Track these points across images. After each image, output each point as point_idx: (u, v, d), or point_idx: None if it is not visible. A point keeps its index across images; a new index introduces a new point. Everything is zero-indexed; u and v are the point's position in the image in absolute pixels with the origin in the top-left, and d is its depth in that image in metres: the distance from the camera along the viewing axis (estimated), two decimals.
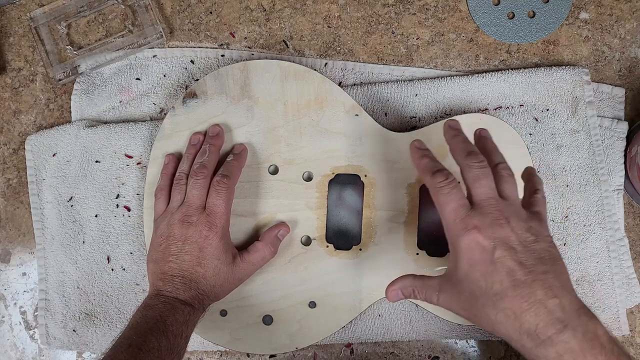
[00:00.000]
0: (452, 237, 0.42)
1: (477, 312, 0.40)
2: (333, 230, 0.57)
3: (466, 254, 0.40)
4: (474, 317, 0.41)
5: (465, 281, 0.41)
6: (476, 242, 0.40)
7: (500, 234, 0.40)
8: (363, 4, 0.60)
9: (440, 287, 0.43)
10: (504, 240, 0.39)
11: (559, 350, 0.37)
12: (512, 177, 0.44)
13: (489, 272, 0.39)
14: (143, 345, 0.45)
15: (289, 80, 0.56)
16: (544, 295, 0.38)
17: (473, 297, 0.40)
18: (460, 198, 0.42)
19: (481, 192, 0.42)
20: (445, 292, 0.43)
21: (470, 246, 0.40)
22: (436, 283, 0.44)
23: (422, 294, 0.45)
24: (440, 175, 0.43)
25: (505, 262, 0.39)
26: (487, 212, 0.41)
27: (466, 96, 0.59)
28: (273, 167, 0.57)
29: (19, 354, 0.63)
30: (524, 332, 0.38)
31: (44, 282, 0.61)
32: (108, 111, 0.61)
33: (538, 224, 0.42)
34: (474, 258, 0.40)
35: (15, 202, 0.63)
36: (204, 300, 0.51)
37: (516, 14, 0.60)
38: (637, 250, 0.60)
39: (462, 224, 0.41)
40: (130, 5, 0.61)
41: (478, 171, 0.42)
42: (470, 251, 0.40)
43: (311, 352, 0.61)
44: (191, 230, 0.51)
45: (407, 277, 0.46)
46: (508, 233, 0.40)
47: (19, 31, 0.62)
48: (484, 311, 0.40)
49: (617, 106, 0.59)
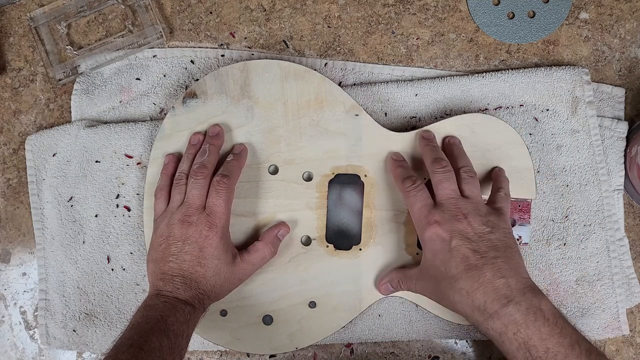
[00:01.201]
0: (419, 232, 0.49)
1: (440, 294, 0.47)
2: (333, 230, 0.57)
3: (429, 244, 0.47)
4: (439, 300, 0.48)
5: (430, 268, 0.48)
6: (437, 234, 0.46)
7: (457, 227, 0.46)
8: (363, 4, 0.60)
9: (417, 276, 0.51)
10: (461, 232, 0.46)
11: (504, 322, 0.43)
12: (473, 178, 0.50)
13: (447, 258, 0.45)
14: (144, 345, 0.45)
15: (289, 80, 0.56)
16: (492, 276, 0.44)
17: (437, 282, 0.47)
18: (425, 199, 0.49)
19: (443, 194, 0.48)
20: (420, 280, 0.50)
21: (432, 238, 0.47)
22: (414, 273, 0.51)
23: (404, 284, 0.52)
24: (409, 180, 0.50)
25: (461, 250, 0.45)
26: (447, 209, 0.47)
27: (466, 96, 0.59)
28: (273, 167, 0.57)
29: (19, 354, 0.63)
30: (475, 308, 0.44)
31: (44, 282, 0.61)
32: (108, 111, 0.61)
33: (496, 218, 0.48)
34: (435, 248, 0.47)
35: (15, 202, 0.63)
36: (204, 300, 0.51)
37: (516, 14, 0.60)
38: (637, 250, 0.60)
39: (425, 220, 0.48)
40: (130, 5, 0.61)
41: (441, 175, 0.49)
42: (432, 242, 0.47)
43: (311, 352, 0.61)
44: (191, 230, 0.51)
45: (393, 271, 0.54)
46: (465, 226, 0.46)
47: (19, 31, 0.62)
48: (445, 293, 0.46)
49: (617, 106, 0.59)
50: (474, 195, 0.49)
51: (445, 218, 0.47)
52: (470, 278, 0.44)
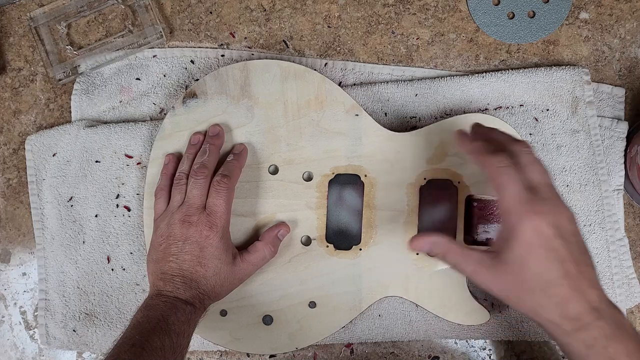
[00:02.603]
0: (513, 218, 0.41)
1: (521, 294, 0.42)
2: (333, 230, 0.57)
3: (527, 236, 0.41)
4: (514, 298, 0.43)
5: (516, 263, 0.41)
6: (540, 228, 0.41)
7: (560, 222, 0.41)
8: (363, 4, 0.60)
9: (481, 261, 0.43)
10: (561, 229, 0.41)
11: (595, 335, 0.40)
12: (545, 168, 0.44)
13: (547, 259, 0.41)
14: (146, 345, 0.45)
15: (289, 80, 0.56)
16: (586, 286, 0.41)
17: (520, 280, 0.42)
18: (521, 180, 0.42)
19: (537, 177, 0.42)
20: (486, 268, 0.43)
21: (534, 230, 0.41)
22: (477, 256, 0.44)
23: (454, 259, 0.45)
24: (503, 155, 0.43)
25: (560, 252, 0.41)
26: (546, 198, 0.41)
27: (466, 96, 0.59)
28: (273, 167, 0.57)
29: (19, 354, 0.63)
30: (566, 317, 0.41)
31: (44, 282, 0.61)
32: (108, 111, 0.61)
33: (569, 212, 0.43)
34: (534, 242, 0.41)
35: (15, 202, 0.63)
36: (205, 299, 0.51)
37: (516, 14, 0.60)
38: (637, 250, 0.60)
39: (528, 206, 0.41)
40: (130, 5, 0.61)
41: (529, 156, 0.43)
42: (532, 236, 0.41)
43: (311, 352, 0.61)
44: (191, 230, 0.51)
45: (444, 237, 0.45)
46: (563, 220, 0.41)
47: (19, 31, 0.62)
48: (531, 295, 0.41)
49: (617, 106, 0.59)
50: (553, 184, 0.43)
51: (548, 208, 0.41)
52: (566, 286, 0.41)
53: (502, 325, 0.59)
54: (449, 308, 0.56)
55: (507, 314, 0.58)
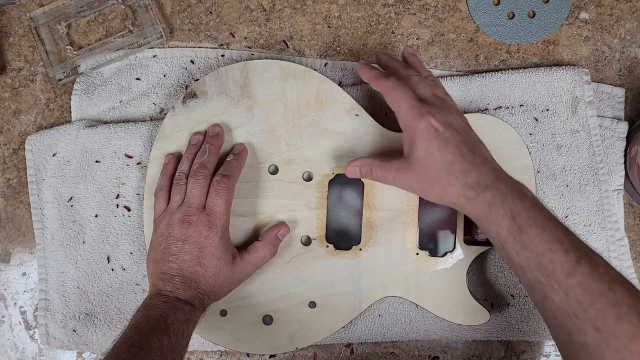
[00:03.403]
0: (410, 123, 0.49)
1: (431, 180, 0.48)
2: (333, 230, 0.57)
3: (424, 134, 0.48)
4: (427, 187, 0.49)
5: (422, 157, 0.48)
6: (431, 124, 0.48)
7: (448, 119, 0.48)
8: (363, 4, 0.60)
9: (398, 167, 0.51)
10: (451, 124, 0.48)
11: (493, 193, 0.46)
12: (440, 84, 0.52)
13: (443, 146, 0.47)
14: (145, 345, 0.45)
15: (289, 80, 0.56)
16: (482, 162, 0.47)
17: (428, 168, 0.48)
18: (412, 93, 0.49)
19: (425, 92, 0.50)
20: (401, 171, 0.50)
21: (428, 128, 0.48)
22: (394, 164, 0.51)
23: (377, 173, 0.52)
24: (392, 77, 0.50)
25: (454, 139, 0.47)
26: (434, 104, 0.49)
27: (466, 96, 0.59)
28: (273, 167, 0.57)
29: (19, 354, 0.63)
30: (467, 186, 0.46)
31: (44, 282, 0.61)
32: (108, 111, 0.61)
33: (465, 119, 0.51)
34: (431, 136, 0.48)
35: (15, 202, 0.63)
36: (204, 300, 0.51)
37: (516, 14, 0.60)
38: (637, 250, 0.60)
39: (418, 112, 0.48)
40: (130, 5, 0.61)
41: (417, 77, 0.51)
42: (427, 132, 0.48)
43: (311, 352, 0.61)
44: (191, 230, 0.51)
45: (368, 157, 0.53)
46: (452, 119, 0.48)
47: (19, 31, 0.62)
48: (438, 178, 0.48)
49: (617, 106, 0.59)
50: (445, 97, 0.51)
51: (436, 111, 0.48)
52: (465, 161, 0.47)
53: (502, 325, 0.59)
54: (449, 308, 0.56)
55: (507, 314, 0.58)
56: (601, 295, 0.41)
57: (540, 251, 0.43)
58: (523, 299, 0.58)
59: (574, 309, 0.42)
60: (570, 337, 0.43)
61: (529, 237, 0.44)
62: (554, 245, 0.43)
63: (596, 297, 0.41)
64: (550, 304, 0.43)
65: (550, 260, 0.43)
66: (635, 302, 0.41)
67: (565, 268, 0.42)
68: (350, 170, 0.53)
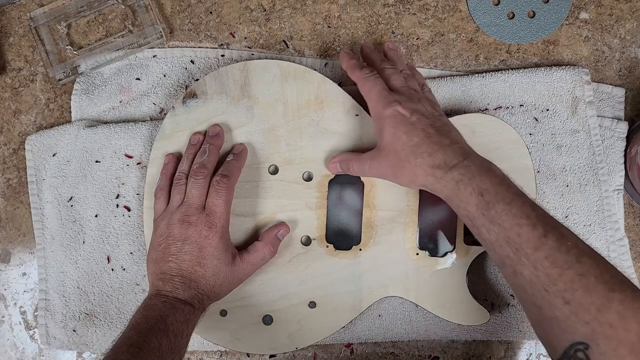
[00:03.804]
0: (379, 111, 0.51)
1: (401, 163, 0.49)
2: (333, 230, 0.57)
3: (390, 120, 0.50)
4: (399, 171, 0.50)
5: (390, 142, 0.50)
6: (397, 111, 0.49)
7: (415, 106, 0.50)
8: (363, 4, 0.60)
9: (372, 156, 0.52)
10: (419, 110, 0.50)
11: (461, 171, 0.46)
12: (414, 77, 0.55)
13: (409, 130, 0.49)
14: (144, 345, 0.45)
15: (289, 80, 0.56)
16: (449, 143, 0.48)
17: (396, 153, 0.49)
18: (383, 84, 0.52)
19: (396, 83, 0.52)
20: (375, 160, 0.52)
21: (394, 114, 0.49)
22: (368, 155, 0.53)
23: (356, 166, 0.54)
24: (366, 69, 0.53)
25: (421, 122, 0.49)
26: (403, 93, 0.51)
27: (466, 96, 0.59)
28: (273, 167, 0.57)
29: (19, 354, 0.63)
30: (435, 166, 0.47)
31: (44, 282, 0.61)
32: (108, 111, 0.61)
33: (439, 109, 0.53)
34: (397, 122, 0.49)
35: (15, 202, 0.63)
36: (204, 300, 0.51)
37: (516, 14, 0.60)
38: (637, 250, 0.60)
39: (386, 100, 0.50)
40: (130, 5, 0.61)
41: (391, 70, 0.53)
42: (394, 118, 0.49)
43: (311, 352, 0.61)
44: (191, 230, 0.51)
45: (346, 153, 0.56)
46: (420, 106, 0.50)
47: (19, 31, 0.62)
48: (406, 161, 0.49)
49: (617, 106, 0.59)
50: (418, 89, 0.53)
51: (404, 99, 0.50)
52: (431, 142, 0.48)
53: (502, 325, 0.59)
54: (449, 308, 0.56)
55: (507, 314, 0.58)
56: (569, 268, 0.41)
57: (508, 226, 0.44)
58: None
59: (543, 282, 0.42)
60: (540, 312, 0.43)
61: (496, 213, 0.44)
62: (521, 220, 0.43)
63: (564, 269, 0.41)
64: (520, 279, 0.43)
65: (517, 234, 0.43)
66: (603, 273, 0.41)
67: (533, 242, 0.42)
68: (331, 167, 0.56)
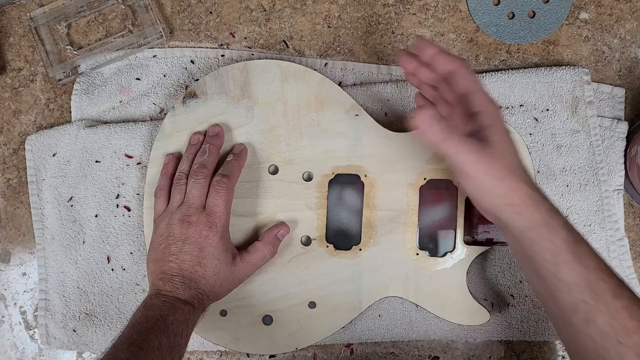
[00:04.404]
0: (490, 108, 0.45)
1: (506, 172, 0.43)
2: (333, 230, 0.57)
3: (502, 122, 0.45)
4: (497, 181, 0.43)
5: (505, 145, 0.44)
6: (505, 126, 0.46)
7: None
8: (363, 4, 0.60)
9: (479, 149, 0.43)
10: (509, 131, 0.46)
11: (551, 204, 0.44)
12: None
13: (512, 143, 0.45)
14: (144, 344, 0.45)
15: (289, 80, 0.56)
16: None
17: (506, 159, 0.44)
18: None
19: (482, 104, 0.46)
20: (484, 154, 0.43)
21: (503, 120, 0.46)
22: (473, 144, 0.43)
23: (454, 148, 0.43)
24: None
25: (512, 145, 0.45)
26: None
27: None
28: (273, 167, 0.57)
29: (19, 354, 0.63)
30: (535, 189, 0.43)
31: (44, 282, 0.61)
32: (108, 111, 0.61)
33: None
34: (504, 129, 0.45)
35: (15, 202, 0.63)
36: (204, 300, 0.51)
37: (516, 14, 0.60)
38: (637, 250, 0.60)
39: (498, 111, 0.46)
40: (130, 5, 0.61)
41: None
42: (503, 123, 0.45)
43: (311, 352, 0.61)
44: (191, 230, 0.51)
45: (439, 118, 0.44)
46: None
47: (19, 31, 0.62)
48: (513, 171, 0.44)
49: (617, 106, 0.59)
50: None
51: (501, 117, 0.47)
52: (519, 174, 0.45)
53: (502, 325, 0.59)
54: (449, 308, 0.56)
55: (507, 314, 0.58)
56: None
57: (592, 268, 0.41)
58: (523, 299, 0.58)
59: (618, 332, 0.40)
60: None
61: (583, 252, 0.42)
62: (602, 265, 0.41)
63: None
64: (592, 328, 0.41)
65: (601, 278, 0.41)
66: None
67: (613, 289, 0.40)
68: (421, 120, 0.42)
